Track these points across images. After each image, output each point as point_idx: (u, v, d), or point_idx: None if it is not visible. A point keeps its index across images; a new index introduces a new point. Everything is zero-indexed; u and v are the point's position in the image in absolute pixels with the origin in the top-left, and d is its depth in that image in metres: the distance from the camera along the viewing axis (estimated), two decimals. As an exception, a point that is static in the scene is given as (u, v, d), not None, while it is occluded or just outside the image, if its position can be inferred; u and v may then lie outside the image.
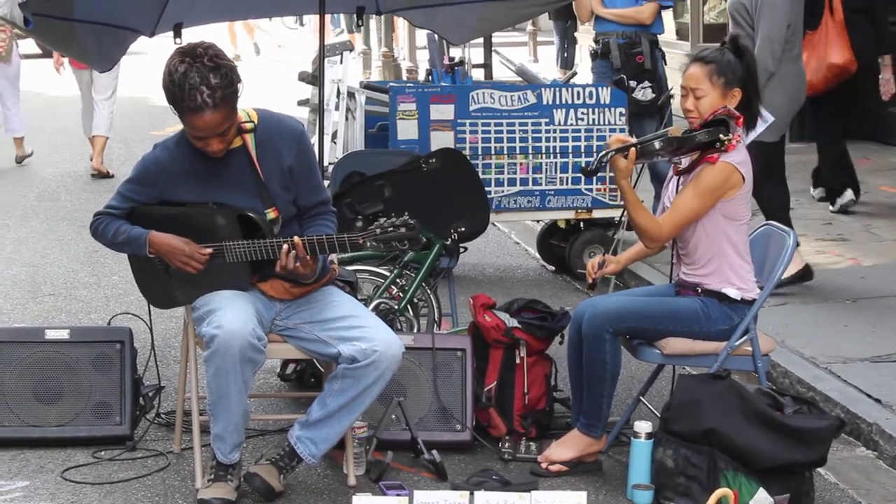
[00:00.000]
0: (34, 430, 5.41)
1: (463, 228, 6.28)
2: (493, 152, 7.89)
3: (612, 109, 7.95)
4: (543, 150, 7.92)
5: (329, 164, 7.90)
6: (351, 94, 9.15)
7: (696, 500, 4.65)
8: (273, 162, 4.85)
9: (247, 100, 4.79)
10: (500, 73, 12.72)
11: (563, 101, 7.92)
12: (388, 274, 6.12)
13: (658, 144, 4.94)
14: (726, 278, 5.04)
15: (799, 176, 10.15)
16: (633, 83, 8.77)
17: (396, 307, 6.01)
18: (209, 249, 4.81)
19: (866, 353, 6.29)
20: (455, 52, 11.16)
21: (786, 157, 7.74)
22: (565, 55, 17.77)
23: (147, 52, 15.14)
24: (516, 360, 5.53)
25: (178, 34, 6.89)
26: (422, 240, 4.71)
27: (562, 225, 8.35)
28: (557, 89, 7.99)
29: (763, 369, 5.12)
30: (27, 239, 9.46)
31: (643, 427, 4.86)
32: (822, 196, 9.83)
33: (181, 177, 4.85)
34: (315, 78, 8.82)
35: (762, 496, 4.55)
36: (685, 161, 5.10)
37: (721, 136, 4.90)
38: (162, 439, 5.49)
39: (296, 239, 4.71)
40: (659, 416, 5.06)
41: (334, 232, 4.93)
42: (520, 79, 9.35)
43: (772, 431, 4.66)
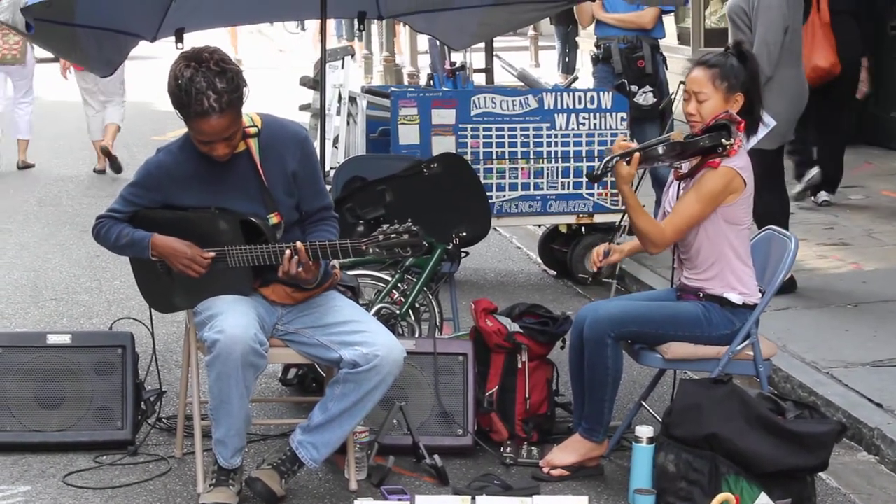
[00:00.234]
0: (36, 434, 5.41)
1: (464, 233, 6.28)
2: (494, 157, 7.89)
3: (614, 114, 7.95)
4: (545, 155, 7.93)
5: (330, 168, 7.90)
6: (352, 99, 9.17)
7: (697, 505, 4.65)
8: (276, 167, 4.85)
9: (248, 104, 4.79)
10: (502, 77, 12.73)
11: (565, 106, 7.92)
12: (389, 279, 6.11)
13: (661, 149, 4.94)
14: (728, 283, 5.04)
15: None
16: (634, 88, 8.78)
17: (398, 312, 6.01)
18: (211, 254, 4.81)
19: (868, 358, 6.29)
20: (456, 57, 11.17)
21: (785, 160, 7.76)
22: (566, 60, 17.77)
23: (161, 57, 15.14)
24: (518, 365, 5.53)
25: (179, 39, 6.90)
26: (424, 246, 4.71)
27: (563, 229, 8.35)
28: (559, 94, 8.00)
29: (765, 374, 5.12)
30: (29, 243, 9.46)
31: (645, 432, 4.85)
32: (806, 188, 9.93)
33: (184, 181, 4.86)
34: (316, 83, 8.83)
35: (764, 501, 4.55)
36: (686, 166, 5.10)
37: (723, 140, 4.90)
38: (163, 444, 5.49)
39: (298, 244, 4.71)
40: (660, 420, 5.05)
41: (337, 237, 4.93)
42: (521, 83, 9.36)
43: (773, 436, 4.66)
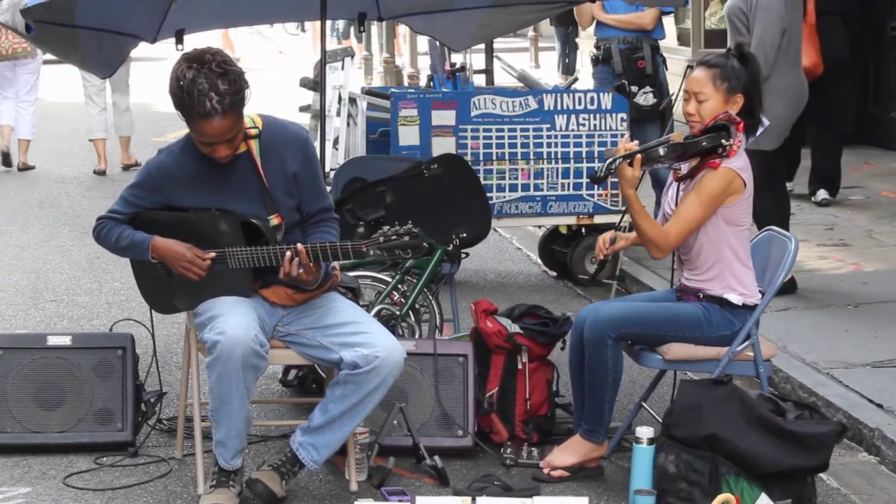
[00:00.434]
0: (36, 436, 5.40)
1: (464, 234, 6.28)
2: (494, 158, 7.89)
3: (614, 115, 7.95)
4: (545, 156, 7.93)
5: (330, 169, 7.90)
6: (352, 100, 9.17)
7: (698, 506, 4.65)
8: (277, 168, 4.85)
9: (249, 105, 4.78)
10: (502, 78, 12.73)
11: (565, 107, 7.92)
12: (389, 280, 6.12)
13: (662, 150, 4.94)
14: (728, 284, 5.04)
15: (800, 180, 10.17)
16: (634, 88, 8.78)
17: (398, 313, 6.01)
18: (212, 255, 4.81)
19: (868, 359, 6.29)
20: (456, 58, 11.17)
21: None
22: (566, 61, 17.79)
23: (161, 58, 15.16)
24: (518, 366, 5.53)
25: (179, 41, 6.90)
26: (425, 248, 4.71)
27: (563, 230, 8.35)
28: (559, 95, 8.00)
29: (765, 374, 5.11)
30: (29, 245, 9.46)
31: (645, 432, 4.85)
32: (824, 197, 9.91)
33: (185, 182, 4.86)
34: (316, 84, 8.83)
35: (764, 501, 4.55)
36: (685, 167, 5.10)
37: (723, 141, 4.90)
38: (164, 445, 5.49)
39: (299, 246, 4.71)
40: (661, 421, 5.05)
41: (337, 239, 4.93)
42: (521, 84, 9.36)
43: (774, 437, 4.66)
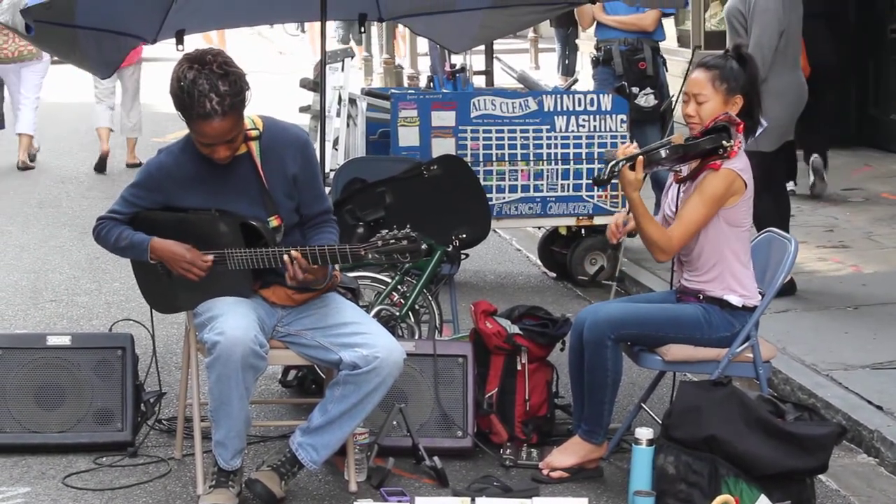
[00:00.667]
0: (36, 436, 5.40)
1: (464, 235, 6.28)
2: (494, 159, 7.89)
3: (614, 116, 7.95)
4: (545, 157, 7.93)
5: (330, 170, 7.90)
6: (352, 101, 9.17)
7: (697, 507, 4.65)
8: (277, 170, 4.86)
9: (249, 106, 4.78)
10: (502, 80, 12.72)
11: (565, 108, 7.92)
12: (389, 280, 6.12)
13: (664, 153, 4.94)
14: (728, 285, 5.04)
15: (800, 182, 10.17)
16: (635, 89, 8.78)
17: (398, 314, 6.02)
18: (211, 256, 4.81)
19: (867, 360, 6.29)
20: (456, 59, 11.18)
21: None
22: (566, 62, 17.80)
23: (162, 59, 15.16)
24: (517, 367, 5.53)
25: (180, 41, 6.90)
26: (423, 252, 4.71)
27: (563, 231, 8.35)
28: (559, 96, 7.99)
29: (764, 376, 5.12)
30: (28, 245, 9.46)
31: (644, 434, 4.85)
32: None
33: (185, 182, 4.86)
34: (316, 84, 8.83)
35: (763, 503, 4.55)
36: (686, 169, 5.10)
37: (723, 142, 4.90)
38: (163, 445, 5.49)
39: (294, 252, 4.70)
40: (660, 422, 5.05)
41: (336, 241, 4.93)
42: (521, 86, 9.36)
43: (773, 438, 4.66)
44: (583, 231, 8.24)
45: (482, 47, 12.95)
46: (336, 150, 9.11)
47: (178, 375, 5.65)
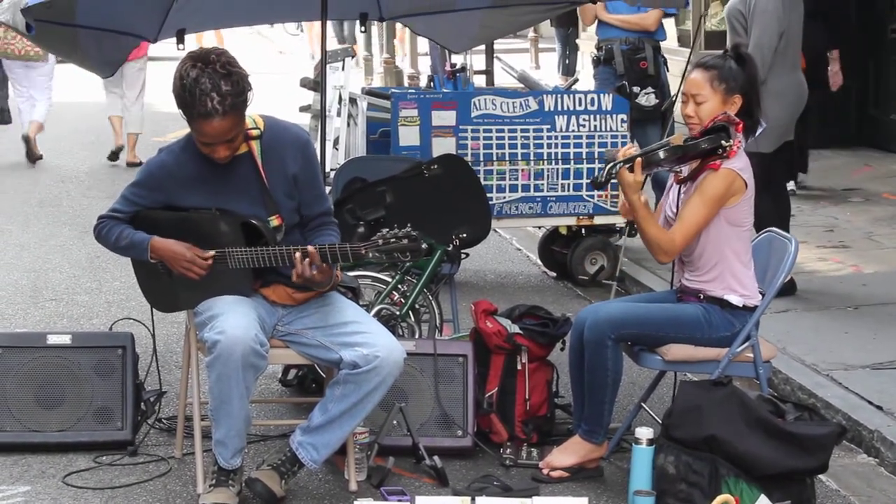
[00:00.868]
0: (36, 435, 5.40)
1: (464, 234, 6.28)
2: (494, 158, 7.90)
3: (614, 116, 7.95)
4: (545, 157, 7.93)
5: (331, 170, 7.91)
6: (353, 101, 9.17)
7: (697, 507, 4.65)
8: (278, 169, 4.85)
9: (249, 106, 4.79)
10: (502, 79, 12.73)
11: (565, 108, 7.93)
12: (389, 280, 6.12)
13: (662, 154, 4.94)
14: (728, 285, 5.04)
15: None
16: (636, 89, 8.78)
17: (398, 313, 6.01)
18: (211, 254, 4.81)
19: (867, 360, 6.29)
20: (457, 59, 11.18)
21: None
22: (567, 62, 17.79)
23: (163, 59, 15.15)
24: (518, 367, 5.53)
25: (180, 40, 6.90)
26: (423, 252, 4.71)
27: (563, 231, 8.35)
28: (559, 96, 8.00)
29: (764, 376, 5.11)
30: (29, 244, 9.46)
31: (644, 433, 4.85)
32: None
33: (186, 181, 4.86)
34: (317, 84, 8.84)
35: (764, 503, 4.55)
36: (686, 169, 5.10)
37: (722, 142, 4.90)
38: (163, 444, 5.49)
39: (309, 248, 4.71)
40: (660, 422, 5.05)
41: (337, 242, 4.92)
42: (521, 85, 9.36)
43: (773, 438, 4.66)
44: (583, 231, 8.24)
45: (482, 47, 12.96)
46: (336, 149, 9.11)
47: (179, 374, 5.65)
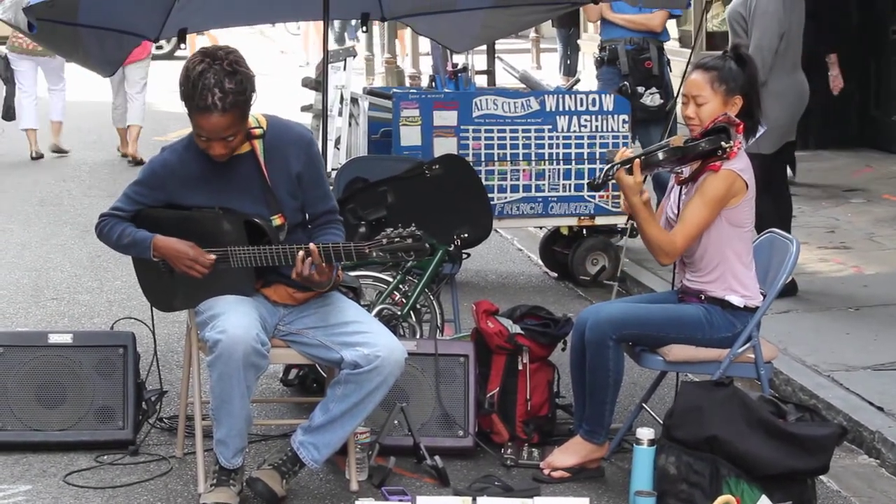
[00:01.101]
0: (37, 434, 5.41)
1: (466, 234, 6.28)
2: (496, 159, 7.90)
3: (615, 116, 7.95)
4: (546, 157, 7.93)
5: (332, 169, 7.91)
6: (354, 100, 9.17)
7: (698, 508, 4.65)
8: (281, 168, 4.86)
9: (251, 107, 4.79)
10: (504, 79, 12.73)
11: (567, 108, 7.93)
12: (390, 280, 6.12)
13: (661, 155, 4.93)
14: (729, 286, 5.04)
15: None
16: (641, 89, 8.78)
17: (399, 313, 6.01)
18: (214, 254, 4.81)
19: (869, 361, 6.29)
20: (458, 59, 11.19)
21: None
22: (568, 62, 17.78)
23: (163, 59, 15.14)
24: (519, 367, 5.53)
25: (182, 39, 6.90)
26: (428, 251, 4.71)
27: (564, 231, 8.35)
28: (560, 96, 8.00)
29: (766, 377, 5.11)
30: (30, 243, 9.46)
31: (646, 434, 4.85)
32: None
33: (189, 180, 4.86)
34: (318, 84, 8.83)
35: (764, 503, 4.55)
36: (687, 170, 5.09)
37: (722, 143, 4.89)
38: (164, 444, 5.49)
39: (311, 246, 4.71)
40: (661, 422, 5.05)
41: (342, 240, 4.92)
42: (523, 85, 9.36)
43: (774, 439, 4.66)
44: (584, 231, 8.24)
45: (484, 47, 12.99)
46: (338, 149, 9.11)
47: (179, 374, 5.65)
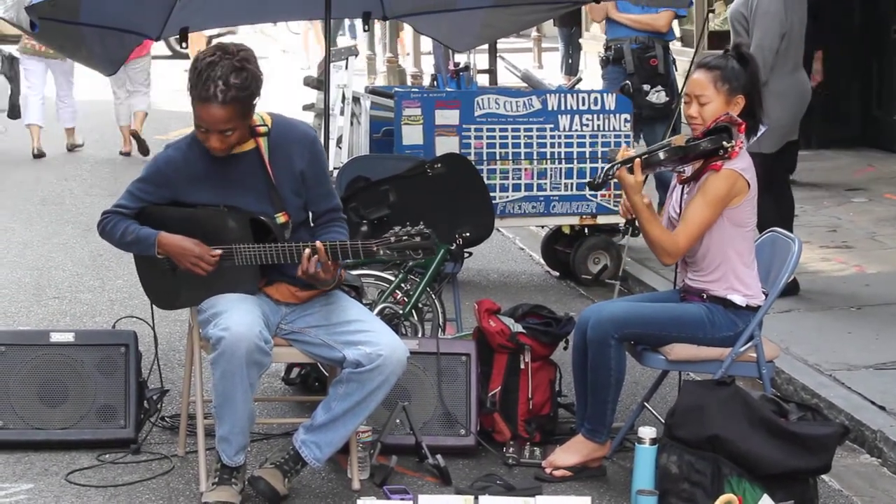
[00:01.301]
0: (39, 432, 5.41)
1: (468, 233, 6.28)
2: (497, 158, 7.90)
3: (617, 115, 7.96)
4: (548, 156, 7.94)
5: (334, 168, 7.91)
6: (356, 99, 9.17)
7: (700, 507, 4.65)
8: (285, 166, 4.86)
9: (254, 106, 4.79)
10: (505, 78, 12.73)
11: (568, 107, 7.93)
12: (392, 278, 6.12)
13: (662, 154, 4.93)
14: (731, 285, 5.04)
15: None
16: (646, 87, 8.79)
17: (401, 312, 6.02)
18: (219, 251, 4.81)
19: (870, 361, 6.29)
20: (460, 58, 11.18)
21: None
22: (570, 61, 17.78)
23: (164, 59, 15.15)
24: (521, 366, 5.53)
25: (184, 38, 6.90)
26: (435, 249, 4.71)
27: (566, 230, 8.36)
28: (562, 95, 8.01)
29: (767, 376, 5.11)
30: (32, 242, 9.47)
31: (647, 433, 4.85)
32: None
33: (192, 178, 4.86)
34: (320, 83, 8.84)
35: (766, 503, 4.55)
36: (689, 169, 5.09)
37: (724, 143, 4.89)
38: (166, 442, 5.49)
39: (317, 243, 4.71)
40: (663, 421, 5.05)
41: (346, 238, 4.92)
42: (525, 84, 9.36)
43: (776, 438, 4.66)
44: (586, 230, 8.24)
45: (486, 46, 12.99)
46: (340, 148, 9.12)
47: (181, 372, 5.66)
